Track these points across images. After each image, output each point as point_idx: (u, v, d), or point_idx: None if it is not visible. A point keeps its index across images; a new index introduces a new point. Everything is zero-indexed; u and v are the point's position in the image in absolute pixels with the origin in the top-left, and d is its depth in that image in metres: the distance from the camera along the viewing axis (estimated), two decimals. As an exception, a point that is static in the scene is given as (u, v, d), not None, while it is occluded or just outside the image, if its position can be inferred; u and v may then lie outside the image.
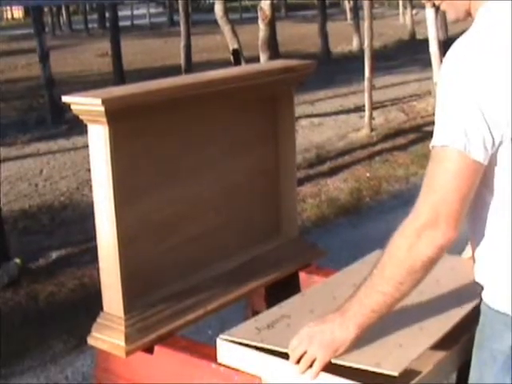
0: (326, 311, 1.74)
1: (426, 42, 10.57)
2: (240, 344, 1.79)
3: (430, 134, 1.53)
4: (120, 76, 12.62)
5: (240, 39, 8.70)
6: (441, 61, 9.54)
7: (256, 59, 7.99)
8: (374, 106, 9.31)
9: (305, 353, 1.62)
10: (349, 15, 20.82)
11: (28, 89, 13.08)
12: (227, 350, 1.81)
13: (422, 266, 1.51)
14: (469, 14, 1.65)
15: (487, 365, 1.63)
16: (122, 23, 17.53)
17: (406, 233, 1.51)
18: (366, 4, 8.74)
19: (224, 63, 9.36)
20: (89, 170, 2.02)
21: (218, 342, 1.82)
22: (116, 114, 1.86)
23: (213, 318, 2.08)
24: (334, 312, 1.62)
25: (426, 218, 1.48)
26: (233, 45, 8.57)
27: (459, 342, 1.82)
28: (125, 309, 2.00)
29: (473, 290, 1.77)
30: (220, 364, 1.82)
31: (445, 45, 9.64)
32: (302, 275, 2.44)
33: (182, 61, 8.20)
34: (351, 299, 1.60)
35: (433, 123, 1.55)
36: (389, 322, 1.70)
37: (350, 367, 1.63)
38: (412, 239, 1.49)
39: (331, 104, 10.85)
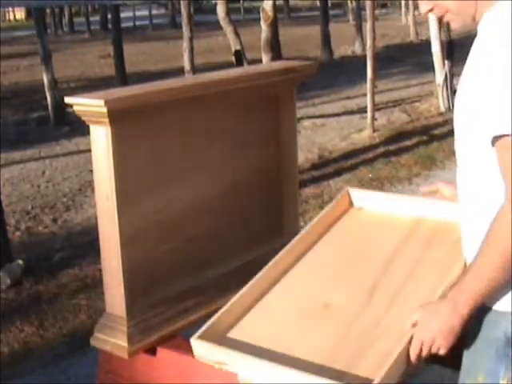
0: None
1: (428, 42, 10.57)
2: (213, 344, 1.79)
3: (433, 135, 1.53)
4: (122, 77, 12.62)
5: (242, 40, 8.70)
6: (443, 61, 9.55)
7: (258, 60, 7.99)
8: (377, 107, 9.30)
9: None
10: (351, 16, 20.83)
11: (30, 90, 13.08)
12: (203, 350, 1.80)
13: None
14: (474, 20, 1.65)
15: (480, 353, 1.67)
16: (124, 24, 17.50)
17: (506, 222, 1.53)
18: (368, 5, 8.72)
19: (226, 65, 9.36)
20: (91, 172, 2.02)
21: (193, 342, 1.81)
22: (118, 115, 1.87)
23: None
24: (444, 302, 1.66)
25: None
26: (235, 46, 8.57)
27: None
28: (127, 309, 2.00)
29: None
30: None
31: (447, 45, 9.64)
32: (305, 276, 2.44)
33: (184, 62, 8.18)
34: (460, 289, 1.64)
35: (436, 124, 1.55)
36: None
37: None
38: None
39: (333, 105, 10.84)
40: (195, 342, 1.81)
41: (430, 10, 1.70)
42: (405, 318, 1.72)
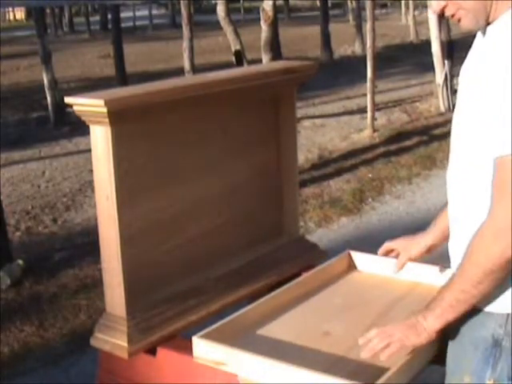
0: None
1: (428, 42, 10.57)
2: (216, 343, 1.81)
3: (433, 135, 1.53)
4: (122, 77, 12.62)
5: (242, 40, 8.70)
6: (443, 61, 9.54)
7: (258, 60, 7.99)
8: (377, 107, 9.31)
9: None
10: (351, 16, 20.83)
11: (30, 90, 13.08)
12: (204, 349, 1.82)
13: (500, 267, 1.53)
14: (487, 20, 1.60)
15: (467, 354, 1.65)
16: (123, 24, 17.49)
17: (483, 236, 1.54)
18: (368, 5, 8.73)
19: (226, 65, 9.35)
20: (91, 172, 2.02)
21: (195, 340, 1.83)
22: (118, 115, 1.87)
23: (216, 318, 2.07)
24: (415, 314, 1.69)
25: (502, 222, 1.50)
26: (235, 46, 8.56)
27: None
28: (127, 309, 2.00)
29: None
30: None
31: (447, 45, 9.64)
32: (305, 276, 2.44)
33: (184, 62, 8.19)
34: (435, 297, 1.66)
35: (436, 124, 1.54)
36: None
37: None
38: (489, 242, 1.52)
39: (333, 105, 10.85)
40: (197, 340, 1.82)
41: (444, 7, 1.63)
42: None
